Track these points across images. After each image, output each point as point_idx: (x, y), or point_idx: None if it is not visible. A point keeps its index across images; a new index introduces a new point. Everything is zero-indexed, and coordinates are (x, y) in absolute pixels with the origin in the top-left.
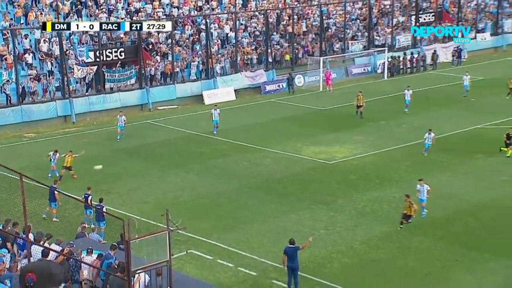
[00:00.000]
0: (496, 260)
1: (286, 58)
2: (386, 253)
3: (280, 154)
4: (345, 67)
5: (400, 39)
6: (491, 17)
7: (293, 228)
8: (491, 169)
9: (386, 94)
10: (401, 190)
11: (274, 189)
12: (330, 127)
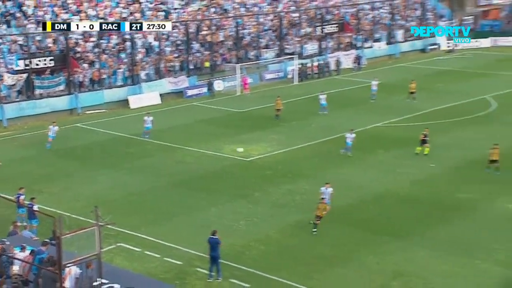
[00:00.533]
0: (393, 242)
1: (206, 65)
2: (299, 239)
3: (202, 152)
4: (260, 73)
5: (307, 48)
6: (386, 28)
7: (215, 220)
8: (389, 163)
9: (297, 97)
10: (311, 183)
11: (197, 185)
12: (247, 127)
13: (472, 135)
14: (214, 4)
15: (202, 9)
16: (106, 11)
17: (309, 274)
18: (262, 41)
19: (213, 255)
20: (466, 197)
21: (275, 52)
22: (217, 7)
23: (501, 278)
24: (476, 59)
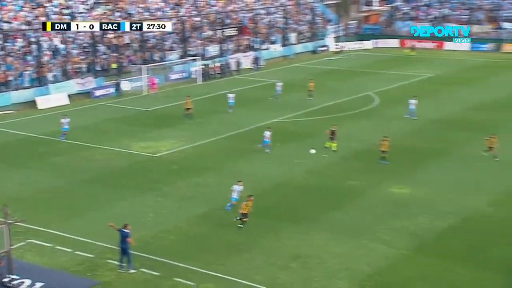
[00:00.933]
0: (292, 227)
1: (112, 67)
2: (206, 229)
3: (112, 150)
4: (165, 73)
5: (209, 50)
6: (280, 32)
7: (125, 214)
8: (287, 155)
9: (201, 95)
10: (217, 176)
11: (107, 181)
12: (155, 125)
13: (359, 127)
14: (118, 9)
15: (107, 13)
16: (10, 15)
17: (216, 260)
18: (167, 44)
19: (123, 247)
20: (355, 184)
21: (179, 54)
22: (121, 11)
23: (385, 255)
24: (360, 59)
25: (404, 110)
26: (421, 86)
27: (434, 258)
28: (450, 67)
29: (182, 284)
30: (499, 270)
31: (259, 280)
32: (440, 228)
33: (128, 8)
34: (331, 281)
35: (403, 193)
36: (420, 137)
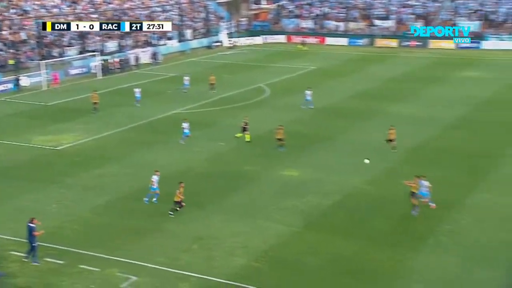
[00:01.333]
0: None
1: (10, 63)
2: (109, 217)
3: (14, 144)
4: (64, 69)
5: (108, 45)
6: (177, 28)
7: (29, 206)
8: (187, 144)
9: (101, 90)
10: (119, 166)
11: (10, 174)
12: (56, 119)
13: (252, 117)
14: (13, 6)
15: (2, 10)
16: None
17: (120, 246)
18: (65, 40)
19: (30, 241)
20: (250, 169)
21: (78, 49)
22: (17, 8)
23: (277, 232)
24: (251, 54)
25: (292, 100)
26: (306, 78)
27: (321, 233)
28: (331, 60)
29: (87, 271)
30: (377, 241)
31: (162, 262)
32: (326, 205)
33: (24, 5)
34: (230, 259)
35: (293, 176)
36: (306, 125)
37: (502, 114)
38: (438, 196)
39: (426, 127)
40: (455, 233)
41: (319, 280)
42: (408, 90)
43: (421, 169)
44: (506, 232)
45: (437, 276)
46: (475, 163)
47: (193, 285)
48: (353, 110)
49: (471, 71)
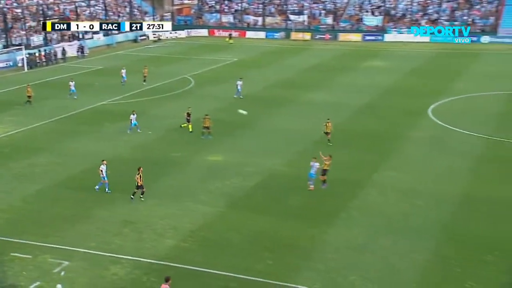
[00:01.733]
0: (122, 197)
1: None
2: (40, 205)
3: None
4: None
5: (34, 39)
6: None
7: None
8: (116, 133)
9: (28, 82)
10: (49, 156)
11: None
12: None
13: (178, 106)
14: None
15: None
16: None
17: (51, 233)
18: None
19: None
20: (177, 155)
21: (2, 43)
22: None
23: (204, 213)
24: (176, 47)
25: (215, 90)
26: (228, 69)
27: (243, 212)
28: (251, 52)
29: (19, 258)
30: (294, 217)
31: (94, 246)
32: (248, 186)
33: None
34: (160, 240)
35: (217, 160)
36: (229, 112)
37: (402, 100)
38: (349, 175)
39: (336, 112)
40: (364, 207)
41: (242, 255)
42: (320, 79)
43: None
44: (407, 204)
45: (348, 245)
46: (380, 144)
47: (125, 267)
48: (271, 98)
49: (375, 61)
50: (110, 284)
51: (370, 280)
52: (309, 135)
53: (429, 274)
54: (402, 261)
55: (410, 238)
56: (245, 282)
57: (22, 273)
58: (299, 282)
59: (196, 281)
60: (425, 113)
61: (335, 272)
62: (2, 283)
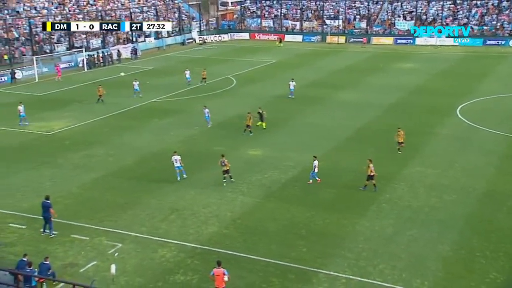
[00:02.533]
0: (169, 186)
1: (5, 58)
2: (96, 192)
3: (9, 130)
4: (54, 63)
5: (93, 42)
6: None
7: (23, 184)
8: (163, 128)
9: (87, 81)
10: (104, 148)
11: (6, 157)
12: (47, 107)
13: (222, 104)
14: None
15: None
16: None
17: (105, 218)
18: (54, 37)
19: (44, 216)
20: (219, 149)
21: (66, 46)
22: (9, 9)
23: (243, 203)
24: (220, 49)
25: (255, 89)
26: (268, 70)
27: (279, 202)
28: (289, 55)
29: (78, 239)
30: (327, 208)
31: (144, 230)
32: (284, 179)
33: (16, 6)
34: (203, 227)
35: (257, 154)
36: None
37: (431, 98)
38: (379, 170)
39: (368, 110)
40: (393, 201)
41: (278, 242)
42: (352, 79)
43: (364, 146)
44: (434, 197)
45: (378, 235)
46: (409, 141)
47: (171, 250)
48: (306, 97)
49: (405, 63)
50: (158, 265)
51: (398, 269)
52: (342, 131)
53: (454, 264)
54: (429, 251)
55: (437, 230)
56: (280, 267)
57: (81, 253)
58: (331, 269)
59: (235, 265)
60: (453, 112)
61: (365, 261)
62: (64, 261)
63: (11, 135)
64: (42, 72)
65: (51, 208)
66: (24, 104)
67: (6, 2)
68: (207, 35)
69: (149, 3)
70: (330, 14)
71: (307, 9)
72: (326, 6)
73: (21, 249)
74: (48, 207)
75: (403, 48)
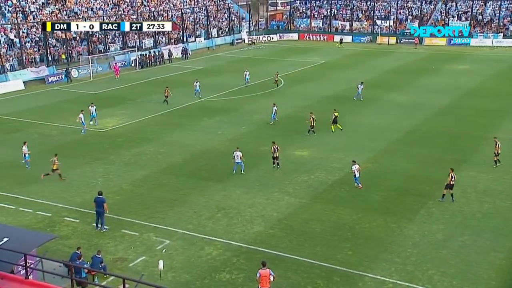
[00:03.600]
0: (216, 185)
1: (62, 57)
2: (145, 189)
3: (64, 127)
4: (108, 62)
5: (145, 42)
6: (204, 27)
7: (77, 179)
8: (212, 127)
9: (139, 80)
10: (154, 145)
11: (62, 153)
12: (100, 105)
13: (269, 103)
14: (65, 8)
15: (55, 12)
16: None
17: (155, 214)
18: (108, 37)
19: (98, 211)
20: (267, 149)
21: (119, 46)
22: (67, 10)
23: (289, 203)
24: (269, 49)
25: (303, 89)
26: (316, 70)
27: (326, 204)
28: (337, 55)
29: (128, 235)
30: (375, 211)
31: (191, 228)
32: (331, 180)
33: (74, 7)
34: (249, 226)
35: (303, 155)
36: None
37: (485, 101)
38: (429, 173)
39: (418, 112)
40: (444, 205)
41: (324, 243)
42: (403, 80)
43: (413, 149)
44: (486, 203)
45: (427, 240)
46: (461, 144)
47: (217, 248)
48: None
49: (459, 64)
50: (205, 263)
51: (448, 275)
52: (391, 133)
53: (508, 273)
54: (480, 258)
55: (489, 237)
56: (326, 270)
57: (131, 248)
58: (377, 273)
59: (280, 265)
60: (508, 115)
61: (413, 266)
62: (114, 255)
63: (67, 131)
64: (97, 70)
65: (105, 203)
66: (96, 105)
67: (66, 3)
68: (256, 35)
69: (200, 4)
70: (381, 14)
71: (357, 9)
72: (377, 6)
73: (75, 242)
74: (102, 202)
75: (458, 49)
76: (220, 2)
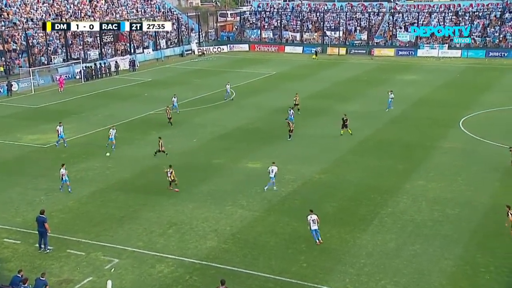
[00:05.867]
0: (167, 200)
1: (0, 69)
2: (93, 206)
3: (4, 143)
4: (51, 75)
5: (90, 54)
6: (152, 38)
7: (18, 198)
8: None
9: (84, 93)
10: (101, 161)
11: (1, 170)
12: (42, 119)
13: (220, 115)
14: (3, 19)
15: None
16: None
17: (103, 232)
18: (51, 49)
19: (40, 231)
20: (218, 162)
21: (63, 57)
22: (6, 21)
23: (243, 217)
24: (219, 61)
25: (255, 100)
26: (267, 81)
27: (280, 216)
28: (289, 66)
29: (74, 255)
30: (328, 222)
31: (141, 245)
32: (285, 192)
33: (12, 18)
34: (202, 241)
35: (256, 167)
36: (267, 122)
37: (433, 111)
38: (381, 183)
39: (370, 122)
40: (395, 214)
41: (278, 256)
42: (353, 91)
43: (366, 159)
44: (437, 211)
45: (380, 250)
46: (411, 153)
47: (169, 265)
48: (307, 108)
49: (408, 74)
50: (156, 281)
51: (401, 285)
52: (344, 143)
53: (458, 280)
54: (432, 266)
55: (440, 244)
56: (280, 283)
57: (77, 268)
58: (332, 285)
59: (235, 280)
60: (455, 125)
61: (367, 276)
62: (59, 277)
63: (7, 148)
64: (39, 83)
65: (46, 222)
66: (116, 128)
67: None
68: (207, 46)
69: (147, 14)
70: (331, 25)
71: (307, 20)
72: (327, 17)
73: (16, 265)
74: (43, 222)
75: (405, 59)
76: (169, 13)
